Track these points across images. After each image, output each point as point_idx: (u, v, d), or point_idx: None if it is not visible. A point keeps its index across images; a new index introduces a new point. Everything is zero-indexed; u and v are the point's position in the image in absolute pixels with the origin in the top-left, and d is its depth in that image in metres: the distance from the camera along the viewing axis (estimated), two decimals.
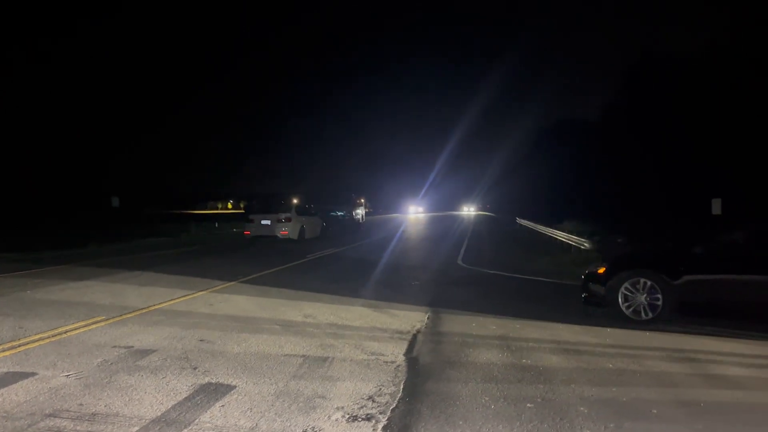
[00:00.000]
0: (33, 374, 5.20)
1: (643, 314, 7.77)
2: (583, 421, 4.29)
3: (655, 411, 4.53)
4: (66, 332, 6.85)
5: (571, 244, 19.82)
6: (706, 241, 7.77)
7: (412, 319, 8.01)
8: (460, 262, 16.41)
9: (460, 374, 5.44)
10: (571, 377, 5.37)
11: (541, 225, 29.08)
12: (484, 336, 7.02)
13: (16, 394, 4.70)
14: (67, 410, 4.34)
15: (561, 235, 22.20)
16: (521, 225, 38.05)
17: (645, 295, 7.77)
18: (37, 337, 6.61)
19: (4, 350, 6.02)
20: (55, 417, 4.20)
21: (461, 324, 7.73)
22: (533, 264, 15.92)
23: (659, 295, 7.68)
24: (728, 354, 6.32)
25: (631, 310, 7.85)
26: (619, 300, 7.91)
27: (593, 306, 8.36)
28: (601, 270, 8.32)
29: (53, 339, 6.52)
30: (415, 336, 6.99)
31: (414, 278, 12.60)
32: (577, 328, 7.51)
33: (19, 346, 6.21)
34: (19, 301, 8.94)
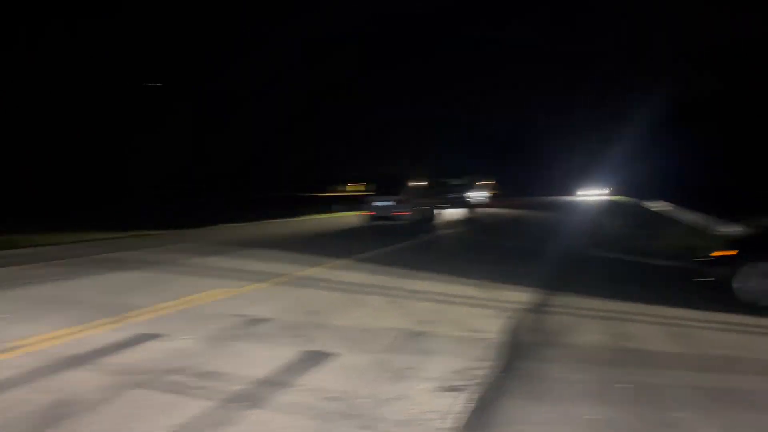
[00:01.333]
0: (161, 336, 5.84)
1: (764, 300, 7.24)
2: (679, 405, 4.16)
3: (756, 396, 4.29)
4: (192, 301, 7.56)
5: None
6: None
7: (515, 298, 8.00)
8: (578, 244, 15.94)
9: (556, 354, 5.43)
10: (675, 362, 5.19)
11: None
12: (590, 319, 6.89)
13: (145, 352, 5.32)
14: (185, 368, 4.86)
15: (694, 218, 20.86)
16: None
17: None
18: (170, 304, 7.35)
19: (141, 314, 6.77)
20: (174, 373, 4.72)
21: (568, 306, 7.62)
22: (660, 248, 15.13)
23: None
24: None
25: (752, 295, 7.33)
26: (739, 285, 7.41)
27: (710, 290, 7.88)
28: (724, 252, 7.81)
29: (181, 307, 7.23)
30: (516, 316, 7.00)
31: (525, 260, 12.46)
32: (689, 312, 7.15)
33: (154, 311, 6.95)
34: (155, 276, 9.92)
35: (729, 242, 8.27)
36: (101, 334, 5.90)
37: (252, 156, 41.18)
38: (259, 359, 5.13)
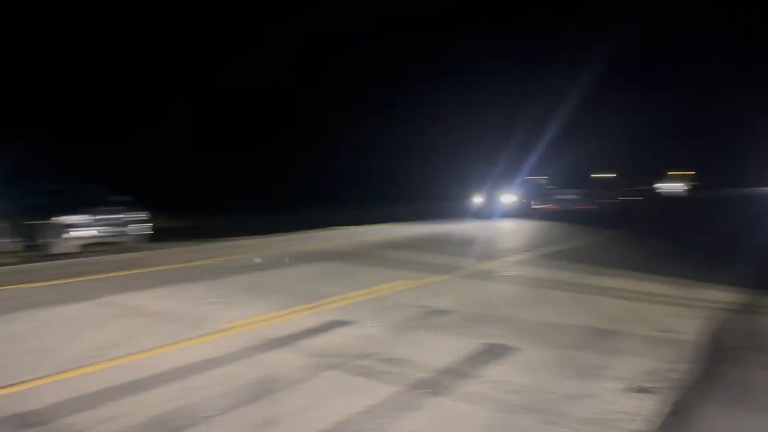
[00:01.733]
0: (351, 323, 6.23)
1: None
2: None
3: None
4: (378, 291, 7.96)
5: None
6: None
7: (717, 298, 7.30)
8: None
9: (764, 360, 4.88)
10: None
11: None
12: None
13: (337, 336, 5.72)
14: (373, 354, 5.14)
15: None
16: None
17: None
18: (359, 293, 7.82)
19: (333, 302, 7.29)
20: (363, 358, 5.02)
21: None
22: None
23: None
24: None
25: None
26: None
27: None
28: None
29: (369, 296, 7.64)
30: (716, 316, 6.40)
31: (727, 256, 11.29)
32: None
33: (344, 300, 7.43)
34: (347, 267, 10.56)
35: None
36: (299, 318, 6.45)
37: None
38: (441, 349, 5.27)
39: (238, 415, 3.83)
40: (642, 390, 4.24)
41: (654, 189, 34.17)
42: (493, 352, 5.18)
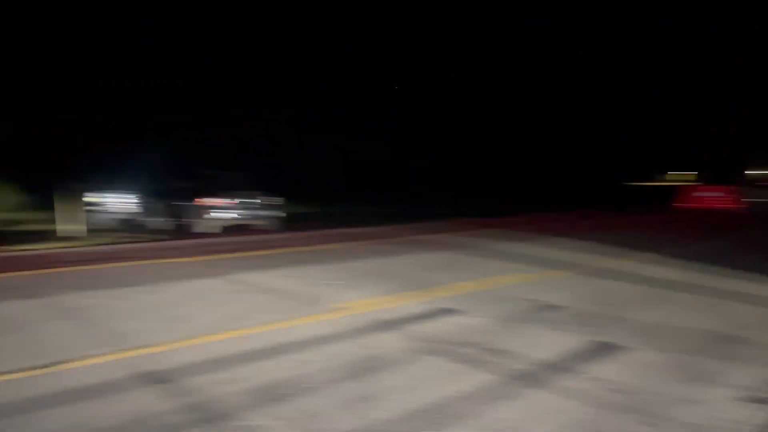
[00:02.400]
0: (459, 312, 6.34)
1: None
2: None
3: None
4: (490, 282, 7.98)
5: None
6: None
7: None
8: None
9: None
10: None
11: None
12: None
13: (443, 324, 5.86)
14: (476, 342, 5.23)
15: None
16: None
17: None
18: (470, 283, 7.91)
19: (444, 290, 7.44)
20: (466, 346, 5.13)
21: None
22: None
23: None
24: None
25: None
26: None
27: None
28: None
29: (478, 288, 7.70)
30: None
31: None
32: None
33: (455, 289, 7.55)
34: (458, 257, 10.64)
35: None
36: (409, 304, 6.66)
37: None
38: (547, 343, 5.24)
39: (338, 389, 4.10)
40: (757, 400, 4.00)
41: None
42: (600, 351, 5.07)
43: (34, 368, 4.48)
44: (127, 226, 15.15)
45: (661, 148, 48.79)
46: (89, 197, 14.99)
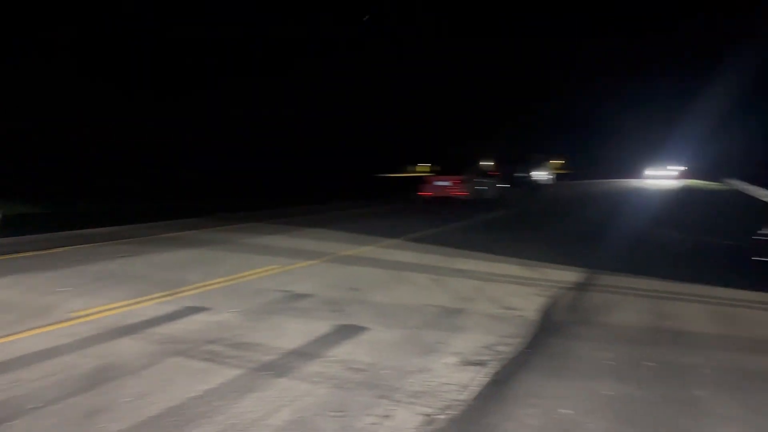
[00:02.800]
0: (207, 309, 6.15)
1: None
2: (701, 383, 4.10)
3: None
4: (243, 277, 7.89)
5: None
6: None
7: (561, 278, 7.93)
8: (640, 223, 15.45)
9: (588, 332, 5.40)
10: (708, 342, 5.08)
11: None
12: (630, 298, 6.78)
13: (189, 324, 5.64)
14: (224, 339, 5.13)
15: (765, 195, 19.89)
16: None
17: None
18: (219, 280, 7.70)
19: (191, 289, 7.14)
20: (213, 343, 5.00)
21: (611, 286, 7.50)
22: (721, 225, 14.50)
23: None
24: None
25: None
26: None
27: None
28: None
29: (231, 283, 7.56)
30: (557, 295, 6.96)
31: (578, 239, 12.26)
32: (740, 293, 6.92)
33: (204, 287, 7.31)
34: (214, 253, 10.35)
35: None
36: (152, 306, 6.27)
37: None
38: (295, 332, 5.35)
39: (68, 405, 3.71)
40: (476, 363, 4.55)
41: (529, 177, 35.70)
42: (344, 333, 5.33)
43: None
44: None
45: (408, 142, 53.13)
46: None
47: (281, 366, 4.46)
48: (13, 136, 25.03)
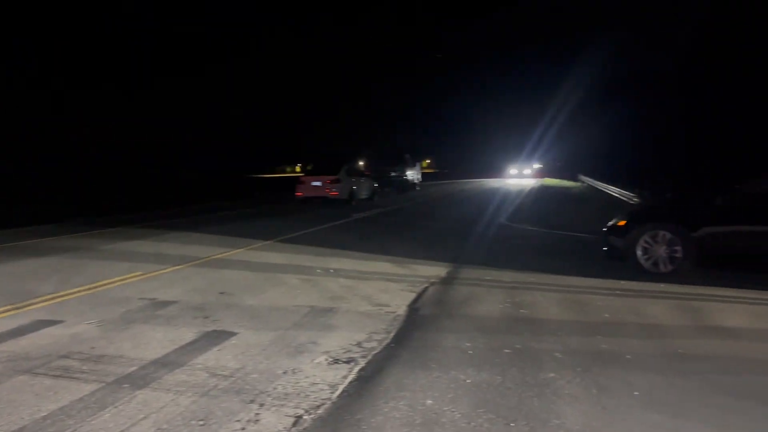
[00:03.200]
0: (60, 322, 5.73)
1: (662, 267, 7.67)
2: (553, 366, 4.41)
3: (629, 357, 4.59)
4: (103, 286, 7.42)
5: (623, 200, 19.43)
6: (727, 192, 7.52)
7: (429, 273, 8.20)
8: (503, 220, 16.35)
9: (452, 324, 5.62)
10: (561, 327, 5.46)
11: (600, 182, 28.57)
12: (493, 290, 7.14)
13: (41, 338, 5.22)
14: (80, 352, 4.81)
15: (613, 191, 21.79)
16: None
17: (664, 248, 7.65)
18: (75, 290, 7.19)
19: (43, 301, 6.61)
20: (67, 358, 4.67)
21: (475, 279, 7.86)
22: (576, 220, 15.70)
23: (678, 247, 7.54)
24: (733, 305, 6.25)
25: (650, 262, 7.75)
26: (638, 253, 7.81)
27: (614, 259, 8.28)
28: (621, 223, 8.21)
29: (90, 292, 7.09)
30: (425, 289, 7.18)
31: (444, 236, 12.76)
32: (590, 281, 7.52)
33: (58, 297, 6.79)
34: (71, 261, 9.64)
35: (625, 213, 8.73)
36: None
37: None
38: (158, 341, 5.12)
39: None
40: (343, 361, 4.59)
41: (400, 177, 36.39)
42: (212, 339, 5.17)
43: None
44: None
45: (282, 142, 52.67)
46: None
47: (142, 377, 4.25)
48: None
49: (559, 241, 11.68)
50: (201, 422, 3.51)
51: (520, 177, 50.73)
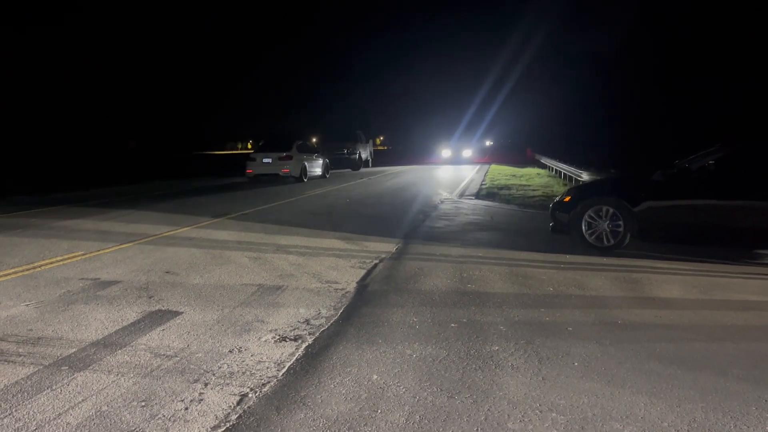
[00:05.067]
0: None
1: (605, 241, 7.88)
2: (497, 338, 4.50)
3: (570, 329, 4.72)
4: (41, 266, 7.17)
5: (571, 176, 19.85)
6: (667, 168, 7.76)
7: (380, 249, 8.22)
8: (448, 194, 16.50)
9: (400, 300, 5.66)
10: (506, 301, 5.57)
11: (549, 159, 29.10)
12: (441, 265, 7.22)
13: None
14: (16, 335, 4.65)
15: (563, 168, 22.24)
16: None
17: (607, 222, 7.86)
18: (11, 271, 6.93)
19: None
20: (2, 341, 4.51)
21: (424, 254, 7.93)
22: (525, 195, 15.98)
23: (621, 222, 7.76)
24: (670, 276, 6.49)
25: (594, 237, 7.95)
26: (583, 227, 8.00)
27: (559, 234, 8.47)
28: (567, 198, 8.39)
29: (26, 273, 6.84)
30: (375, 266, 7.20)
31: (395, 213, 12.81)
32: (537, 255, 7.68)
33: None
34: (7, 240, 9.28)
35: (570, 189, 8.94)
36: None
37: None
38: (100, 322, 4.99)
39: None
40: (293, 338, 4.58)
41: (351, 155, 36.10)
42: (156, 319, 5.08)
43: None
44: None
45: (232, 118, 51.65)
46: None
47: (82, 359, 4.14)
48: None
49: (511, 217, 11.88)
50: (143, 403, 3.45)
51: (457, 162, 40.89)
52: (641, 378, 3.77)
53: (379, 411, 3.35)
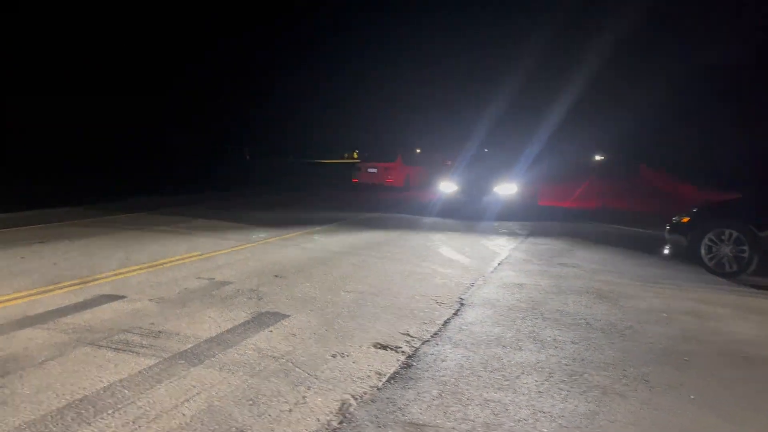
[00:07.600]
0: (123, 297, 5.98)
1: (727, 267, 7.37)
2: (605, 365, 4.31)
3: (686, 359, 4.44)
4: (163, 264, 7.69)
5: None
6: None
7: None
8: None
9: (500, 317, 5.57)
10: (610, 323, 5.34)
11: None
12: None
13: (104, 312, 5.45)
14: (140, 327, 5.01)
15: None
16: None
17: (730, 247, 7.34)
18: (137, 267, 7.48)
19: (107, 277, 6.91)
20: (128, 332, 4.87)
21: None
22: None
23: (745, 247, 7.22)
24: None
25: (714, 262, 7.46)
26: (702, 251, 7.52)
27: (676, 257, 8.01)
28: (685, 219, 7.92)
29: (150, 270, 7.36)
30: (480, 277, 7.14)
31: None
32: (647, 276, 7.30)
33: (120, 274, 7.08)
34: (135, 238, 10.02)
35: (689, 210, 8.38)
36: (63, 294, 6.03)
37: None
38: (213, 320, 5.28)
39: None
40: (393, 348, 4.63)
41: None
42: (263, 320, 5.30)
43: None
44: None
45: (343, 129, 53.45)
46: None
47: (197, 355, 4.39)
48: None
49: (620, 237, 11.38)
50: (250, 402, 3.61)
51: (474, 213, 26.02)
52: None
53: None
